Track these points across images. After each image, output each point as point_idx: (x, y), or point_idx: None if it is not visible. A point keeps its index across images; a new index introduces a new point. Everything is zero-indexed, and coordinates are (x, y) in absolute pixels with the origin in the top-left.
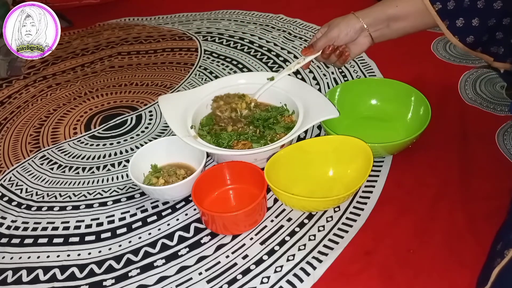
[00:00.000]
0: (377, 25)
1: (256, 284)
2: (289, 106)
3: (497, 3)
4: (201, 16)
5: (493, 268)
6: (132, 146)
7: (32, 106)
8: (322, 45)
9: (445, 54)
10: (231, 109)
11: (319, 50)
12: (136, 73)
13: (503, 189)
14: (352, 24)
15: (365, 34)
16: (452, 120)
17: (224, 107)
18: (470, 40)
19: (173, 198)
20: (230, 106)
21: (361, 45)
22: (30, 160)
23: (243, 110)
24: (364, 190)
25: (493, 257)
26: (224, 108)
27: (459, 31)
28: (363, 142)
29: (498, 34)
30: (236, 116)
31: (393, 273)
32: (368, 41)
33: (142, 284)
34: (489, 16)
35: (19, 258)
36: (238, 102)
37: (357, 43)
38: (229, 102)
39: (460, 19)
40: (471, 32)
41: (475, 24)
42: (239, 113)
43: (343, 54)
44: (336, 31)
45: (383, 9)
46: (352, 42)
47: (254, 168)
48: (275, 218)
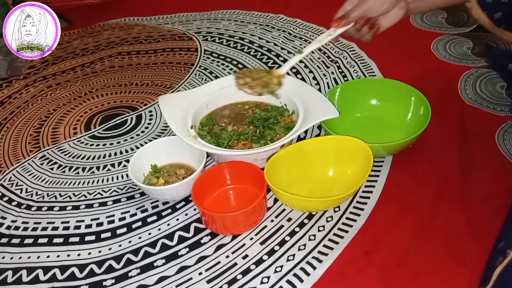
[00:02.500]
0: None
1: (256, 284)
2: (289, 106)
3: None
4: (201, 16)
5: (494, 267)
6: (132, 146)
7: (32, 106)
8: (356, 16)
9: (445, 54)
10: (263, 85)
11: (352, 21)
12: (136, 73)
13: (503, 189)
14: None
15: (401, 6)
16: (452, 120)
17: (254, 82)
18: (498, 15)
19: (173, 198)
20: (262, 81)
21: (394, 17)
22: (30, 160)
23: (274, 85)
24: (364, 190)
25: (495, 256)
26: (254, 83)
27: (488, 6)
28: (363, 142)
29: None
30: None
31: (393, 273)
32: (403, 13)
33: (142, 284)
34: None
35: (19, 258)
36: (269, 77)
37: (390, 15)
38: (257, 78)
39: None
40: (500, 8)
41: (504, 0)
42: (271, 89)
43: (375, 26)
44: (371, 1)
45: None
46: (386, 14)
47: (254, 168)
48: (275, 218)
